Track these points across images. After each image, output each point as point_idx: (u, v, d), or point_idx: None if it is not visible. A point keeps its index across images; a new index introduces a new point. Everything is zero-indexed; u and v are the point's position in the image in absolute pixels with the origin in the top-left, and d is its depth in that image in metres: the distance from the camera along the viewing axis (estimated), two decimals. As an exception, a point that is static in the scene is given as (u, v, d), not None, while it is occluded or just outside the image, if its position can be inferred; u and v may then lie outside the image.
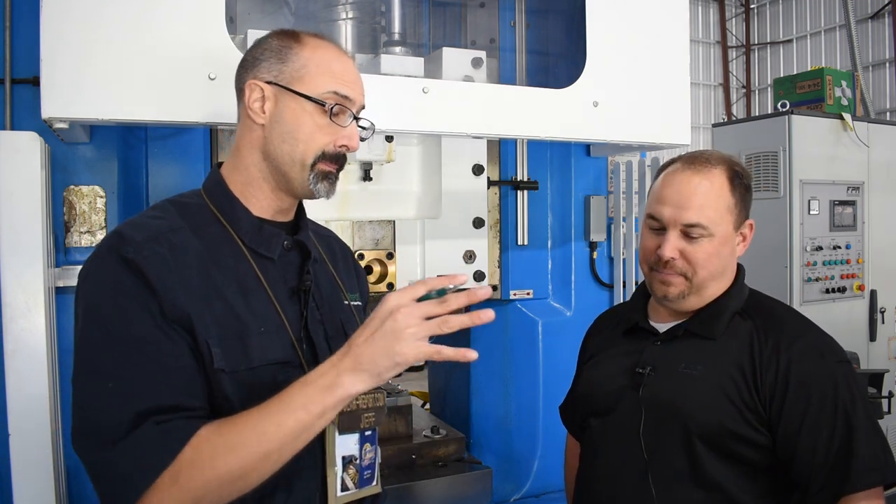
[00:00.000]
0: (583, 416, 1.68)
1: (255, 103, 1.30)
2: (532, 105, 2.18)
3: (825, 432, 1.39)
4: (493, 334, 2.96)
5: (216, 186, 1.34)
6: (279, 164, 1.30)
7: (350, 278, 1.53)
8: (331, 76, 1.30)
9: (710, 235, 1.49)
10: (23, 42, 2.11)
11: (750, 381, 1.44)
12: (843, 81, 4.58)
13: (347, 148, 1.32)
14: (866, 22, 14.88)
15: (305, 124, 1.29)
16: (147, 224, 1.24)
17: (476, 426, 2.97)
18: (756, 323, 1.51)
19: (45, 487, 1.85)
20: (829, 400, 1.41)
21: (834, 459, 1.38)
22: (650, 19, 2.35)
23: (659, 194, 1.54)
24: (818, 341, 1.49)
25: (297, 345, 1.28)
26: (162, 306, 1.15)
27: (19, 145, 1.84)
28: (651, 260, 1.55)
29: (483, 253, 2.53)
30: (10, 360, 1.85)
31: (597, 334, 1.79)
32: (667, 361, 1.53)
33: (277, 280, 1.31)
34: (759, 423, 1.43)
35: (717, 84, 18.23)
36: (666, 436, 1.47)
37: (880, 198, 4.44)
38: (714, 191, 1.50)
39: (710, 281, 1.53)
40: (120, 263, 1.16)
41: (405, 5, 2.46)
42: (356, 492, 1.32)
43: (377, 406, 1.35)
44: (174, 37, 1.75)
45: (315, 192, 1.32)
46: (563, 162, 3.03)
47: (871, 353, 4.32)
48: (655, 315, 1.63)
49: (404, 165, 2.46)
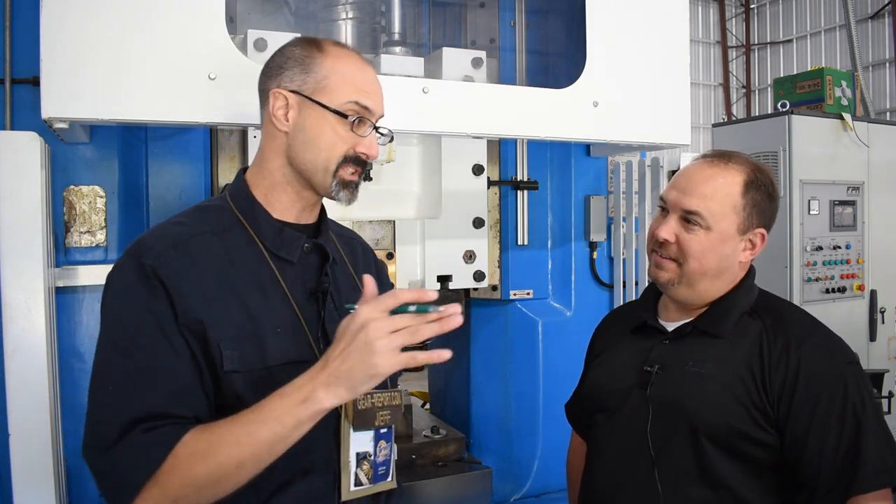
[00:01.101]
0: (590, 413, 1.68)
1: (279, 111, 1.34)
2: (532, 105, 2.18)
3: (834, 433, 1.39)
4: (493, 334, 2.97)
5: (240, 191, 1.39)
6: (302, 170, 1.35)
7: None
8: (353, 87, 1.34)
9: (707, 228, 1.49)
10: (23, 42, 2.11)
11: (759, 381, 1.44)
12: (843, 81, 4.58)
13: (367, 156, 1.36)
14: (866, 22, 14.87)
15: (327, 133, 1.33)
16: (168, 231, 1.29)
17: (476, 426, 2.98)
18: (766, 322, 1.50)
19: (45, 487, 1.85)
20: (838, 401, 1.40)
21: (842, 460, 1.37)
22: (650, 19, 2.35)
23: (674, 180, 1.57)
24: (828, 342, 1.48)
25: (314, 345, 1.32)
26: (176, 312, 1.20)
27: (19, 145, 1.84)
28: (651, 241, 1.57)
29: (483, 253, 2.53)
30: (10, 360, 1.85)
31: (605, 332, 1.79)
32: (675, 360, 1.52)
33: (296, 282, 1.35)
34: (766, 423, 1.42)
35: (717, 84, 18.22)
36: (673, 434, 1.47)
37: (880, 198, 4.44)
38: (724, 186, 1.50)
39: (702, 276, 1.52)
40: (138, 271, 1.22)
41: (405, 5, 2.46)
42: (370, 487, 1.35)
43: (393, 405, 1.39)
44: (174, 37, 1.75)
45: (337, 199, 1.37)
46: (563, 162, 3.03)
47: (871, 353, 4.31)
48: (665, 313, 1.63)
49: (404, 165, 2.46)
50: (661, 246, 1.53)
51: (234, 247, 1.31)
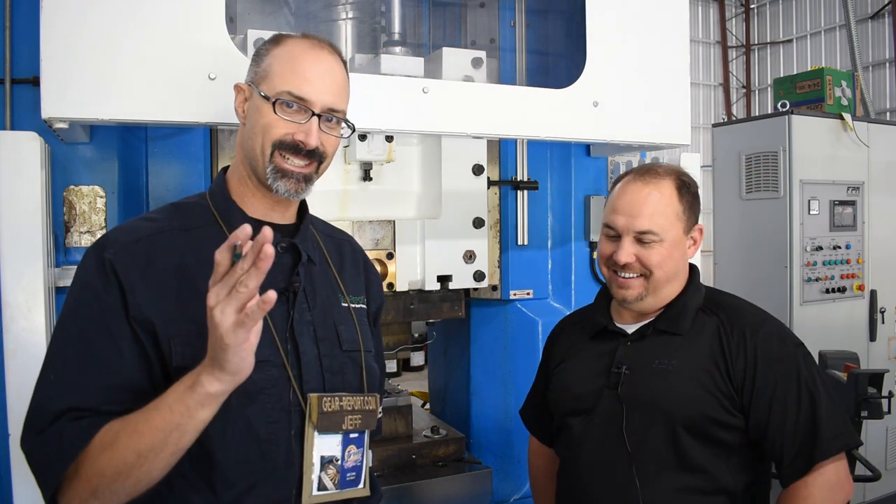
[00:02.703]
0: (561, 416, 1.75)
1: (239, 105, 1.40)
2: (532, 105, 2.18)
3: (792, 409, 1.55)
4: (492, 334, 2.96)
5: (218, 189, 1.40)
6: (250, 159, 1.36)
7: (356, 281, 1.54)
8: (288, 74, 1.33)
9: (661, 240, 1.62)
10: (23, 42, 2.11)
11: (723, 370, 1.58)
12: (843, 81, 4.58)
13: (304, 144, 1.33)
14: (866, 22, 14.86)
15: (262, 119, 1.34)
16: (135, 227, 1.32)
17: (476, 426, 2.97)
18: (720, 317, 1.64)
19: (45, 487, 1.85)
20: (793, 379, 1.57)
21: (803, 431, 1.54)
22: (650, 19, 2.35)
23: (613, 205, 1.68)
24: (776, 329, 1.65)
25: (280, 345, 1.30)
26: (128, 306, 1.22)
27: (19, 145, 1.84)
28: (609, 263, 1.68)
29: (483, 253, 2.53)
30: (10, 360, 1.84)
31: (562, 340, 1.88)
32: (640, 359, 1.64)
33: (267, 281, 1.32)
34: (733, 408, 1.57)
35: (717, 84, 18.21)
36: (649, 429, 1.58)
37: (880, 198, 4.44)
38: (663, 200, 1.63)
39: (666, 282, 1.65)
40: (98, 264, 1.24)
41: (405, 5, 2.46)
42: (336, 492, 1.33)
43: (366, 409, 1.36)
44: (174, 37, 1.75)
45: (276, 189, 1.34)
46: (563, 162, 3.03)
47: (871, 353, 4.31)
48: (619, 318, 1.74)
49: (404, 165, 2.46)
50: (623, 268, 1.64)
51: (204, 244, 1.26)
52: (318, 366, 1.35)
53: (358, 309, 1.49)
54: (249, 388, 1.23)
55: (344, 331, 1.42)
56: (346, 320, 1.44)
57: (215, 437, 1.23)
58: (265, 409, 1.28)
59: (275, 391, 1.29)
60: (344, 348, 1.40)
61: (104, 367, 1.20)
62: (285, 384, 1.30)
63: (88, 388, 1.18)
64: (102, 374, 1.19)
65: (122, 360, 1.21)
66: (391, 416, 2.59)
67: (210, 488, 1.24)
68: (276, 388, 1.29)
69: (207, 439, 1.22)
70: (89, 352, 1.20)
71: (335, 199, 2.37)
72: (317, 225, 1.52)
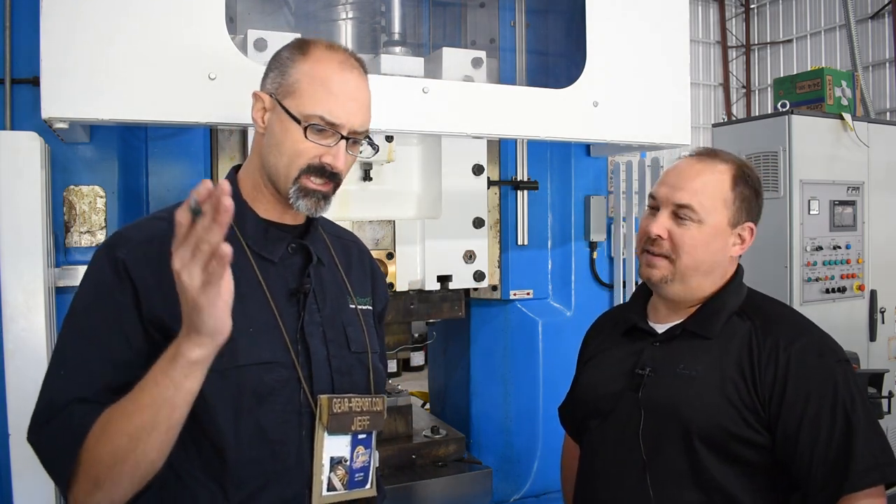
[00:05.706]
0: (582, 418, 1.68)
1: (257, 113, 1.36)
2: (532, 105, 2.18)
3: (824, 431, 1.39)
4: (492, 334, 2.97)
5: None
6: (270, 173, 1.35)
7: (363, 283, 1.54)
8: (320, 97, 1.30)
9: (699, 221, 1.50)
10: (23, 42, 2.11)
11: (749, 382, 1.44)
12: (843, 81, 4.58)
13: (332, 167, 1.32)
14: (866, 22, 14.86)
15: (289, 139, 1.31)
16: (146, 226, 1.31)
17: (476, 426, 2.97)
18: (755, 323, 1.50)
19: (45, 487, 1.85)
20: (828, 399, 1.40)
21: (833, 459, 1.37)
22: (650, 19, 2.35)
23: (663, 177, 1.59)
24: (817, 341, 1.48)
25: (290, 346, 1.31)
26: (141, 305, 1.22)
27: (19, 145, 1.84)
28: (643, 240, 1.57)
29: (483, 253, 2.53)
30: (10, 360, 1.85)
31: (596, 335, 1.79)
32: (666, 362, 1.53)
33: (278, 282, 1.34)
34: (758, 424, 1.43)
35: (717, 84, 18.22)
36: (665, 437, 1.47)
37: (880, 198, 4.43)
38: (713, 180, 1.53)
39: (695, 271, 1.53)
40: (110, 262, 1.24)
41: (405, 5, 2.46)
42: (345, 493, 1.34)
43: (374, 410, 1.37)
44: (174, 37, 1.75)
45: (296, 207, 1.33)
46: (563, 162, 3.03)
47: (871, 353, 4.31)
48: (654, 315, 1.64)
49: (404, 165, 2.46)
50: (652, 243, 1.53)
51: None
52: (328, 367, 1.35)
53: (365, 310, 1.49)
54: (260, 390, 1.25)
55: (352, 332, 1.42)
56: (353, 322, 1.44)
57: (227, 437, 1.23)
58: (276, 409, 1.28)
59: (285, 392, 1.29)
60: (352, 350, 1.41)
61: (115, 364, 1.19)
62: (296, 385, 1.30)
63: (97, 384, 1.18)
64: (113, 372, 1.19)
65: (133, 359, 1.20)
66: (391, 416, 2.58)
67: (221, 488, 1.24)
68: (287, 389, 1.30)
69: (219, 439, 1.22)
70: (100, 350, 1.20)
71: (335, 199, 2.34)
72: (324, 226, 1.52)
